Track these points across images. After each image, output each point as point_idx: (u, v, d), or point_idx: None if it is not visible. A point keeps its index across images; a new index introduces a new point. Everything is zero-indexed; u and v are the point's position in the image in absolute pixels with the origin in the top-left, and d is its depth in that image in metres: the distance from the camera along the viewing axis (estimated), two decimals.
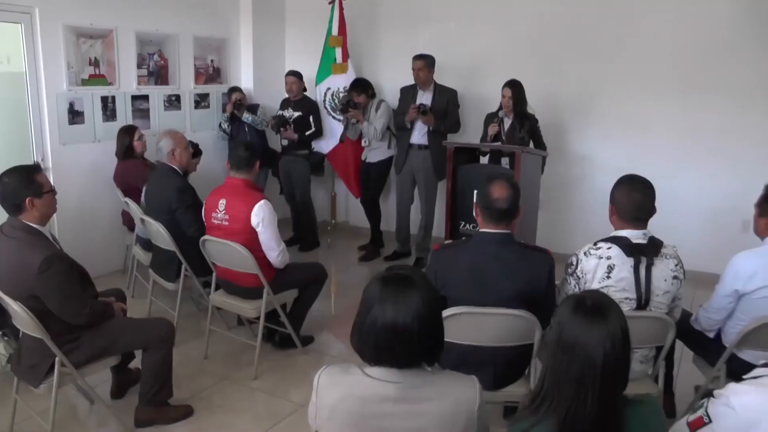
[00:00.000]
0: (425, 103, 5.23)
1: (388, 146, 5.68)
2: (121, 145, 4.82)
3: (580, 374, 1.44)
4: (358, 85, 5.59)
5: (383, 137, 5.59)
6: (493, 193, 2.47)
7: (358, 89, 5.55)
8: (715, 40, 4.95)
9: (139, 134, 4.86)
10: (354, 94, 5.54)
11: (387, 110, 5.57)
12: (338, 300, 4.88)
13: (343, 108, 5.56)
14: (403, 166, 5.48)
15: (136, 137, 4.83)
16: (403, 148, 5.46)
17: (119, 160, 4.85)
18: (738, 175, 4.89)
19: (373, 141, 5.60)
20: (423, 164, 5.32)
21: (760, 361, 1.74)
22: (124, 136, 4.83)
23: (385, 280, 1.59)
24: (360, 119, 5.53)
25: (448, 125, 5.28)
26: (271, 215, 3.49)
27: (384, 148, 5.68)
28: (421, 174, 5.37)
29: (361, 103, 5.53)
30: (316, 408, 1.68)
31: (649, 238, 2.52)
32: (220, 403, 3.32)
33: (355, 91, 5.55)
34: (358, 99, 5.52)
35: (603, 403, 1.45)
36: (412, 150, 5.37)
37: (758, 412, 1.53)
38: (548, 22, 5.48)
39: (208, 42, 6.04)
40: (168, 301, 4.28)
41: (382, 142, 5.63)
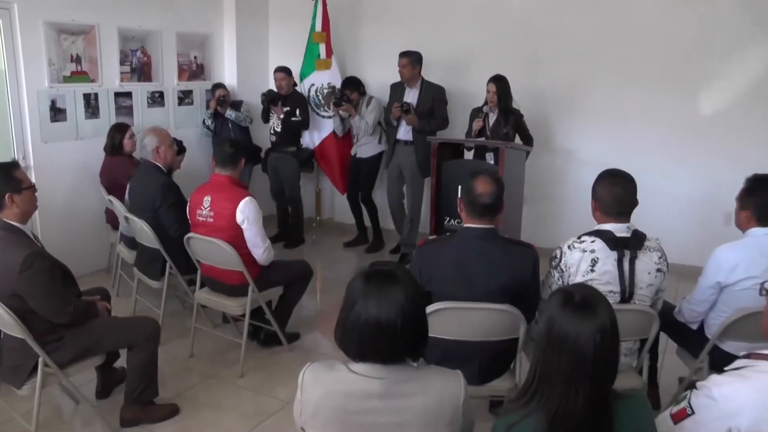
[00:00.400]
0: (411, 100, 5.27)
1: (378, 141, 5.74)
2: (110, 141, 4.79)
3: (571, 368, 1.45)
4: (351, 82, 5.69)
5: (374, 132, 5.66)
6: (477, 188, 2.47)
7: (351, 87, 5.65)
8: (695, 34, 4.99)
9: (131, 133, 4.82)
10: (347, 91, 5.62)
11: (378, 106, 5.64)
12: (324, 297, 4.89)
13: (336, 102, 5.61)
14: (390, 162, 5.52)
15: (128, 135, 4.79)
16: (390, 144, 5.52)
17: (107, 155, 4.80)
18: (721, 168, 4.93)
19: (364, 136, 5.66)
20: (408, 160, 5.35)
21: (741, 353, 1.76)
22: (115, 133, 4.79)
23: (368, 276, 1.59)
24: (352, 113, 5.62)
25: (434, 124, 5.30)
26: (257, 212, 3.48)
27: (375, 144, 5.74)
28: (407, 170, 5.40)
29: (353, 99, 5.62)
30: (301, 404, 1.67)
31: (633, 232, 2.53)
32: (205, 402, 3.30)
33: (347, 89, 5.64)
34: (351, 96, 5.62)
35: (594, 397, 1.45)
36: (398, 146, 5.41)
37: (739, 402, 1.54)
38: (532, 18, 5.49)
39: (191, 38, 5.99)
40: (153, 300, 4.26)
41: (372, 137, 5.69)
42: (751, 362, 1.63)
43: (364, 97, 5.71)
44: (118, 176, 4.55)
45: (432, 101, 5.29)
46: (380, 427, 1.60)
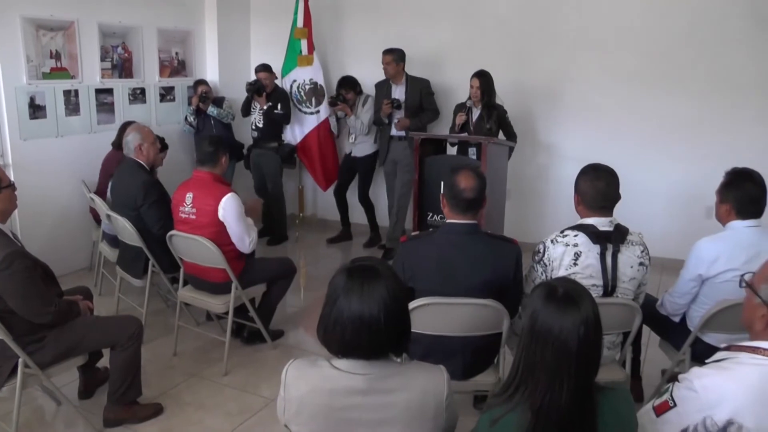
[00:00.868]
0: (399, 97, 5.36)
1: (374, 141, 5.78)
2: (118, 137, 4.75)
3: (555, 362, 1.46)
4: (346, 82, 5.69)
5: (370, 131, 5.69)
6: (459, 183, 2.47)
7: (347, 86, 5.66)
8: (678, 29, 5.03)
9: None
10: (343, 91, 5.62)
11: (373, 105, 5.66)
12: (307, 293, 4.88)
13: (332, 102, 5.62)
14: (386, 159, 5.57)
15: None
16: (384, 141, 5.57)
17: (113, 149, 4.78)
18: (702, 162, 4.98)
19: (360, 135, 5.67)
20: (404, 154, 5.41)
21: (722, 345, 1.77)
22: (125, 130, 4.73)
23: (351, 272, 1.59)
24: (348, 112, 5.63)
25: (426, 119, 5.37)
26: (239, 208, 3.46)
27: (370, 143, 5.77)
28: (402, 163, 5.46)
29: (349, 99, 5.63)
30: (284, 402, 1.67)
31: (615, 226, 2.55)
32: (190, 400, 3.28)
33: (343, 88, 5.65)
34: (347, 96, 5.63)
35: (578, 390, 1.46)
36: (392, 142, 5.46)
37: (719, 393, 1.55)
38: (516, 13, 5.50)
39: (172, 34, 5.93)
40: (135, 298, 4.23)
41: (368, 136, 5.73)
42: (731, 354, 1.64)
43: (361, 96, 5.72)
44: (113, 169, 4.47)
45: (419, 95, 5.36)
46: (364, 423, 1.59)
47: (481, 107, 4.87)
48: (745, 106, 4.93)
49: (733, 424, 1.12)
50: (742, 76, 4.91)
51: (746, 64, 4.89)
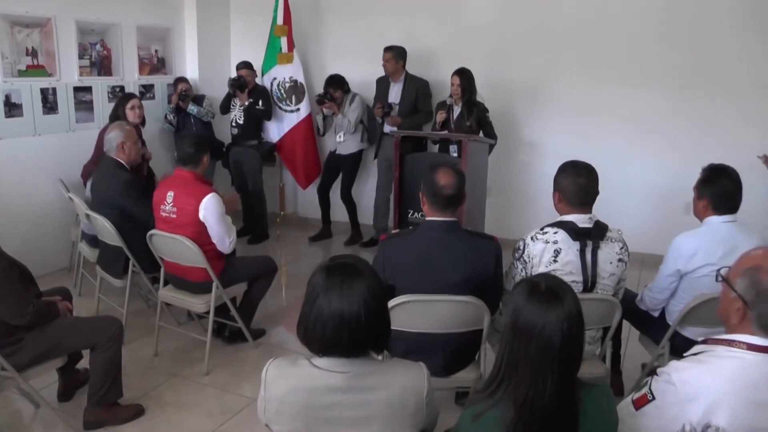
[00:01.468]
0: (395, 95, 5.43)
1: (360, 139, 5.77)
2: (114, 112, 4.77)
3: (539, 358, 1.46)
4: (334, 81, 5.65)
5: (356, 130, 5.69)
6: (439, 181, 2.47)
7: (335, 85, 5.63)
8: (656, 28, 5.08)
9: (132, 104, 4.74)
10: (331, 90, 5.60)
11: (360, 104, 5.67)
12: (289, 292, 4.86)
13: (319, 100, 5.60)
14: (378, 154, 5.61)
15: (128, 106, 4.72)
16: (377, 137, 5.62)
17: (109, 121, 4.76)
18: (681, 158, 5.03)
19: (347, 133, 5.66)
20: None
21: (699, 338, 1.79)
22: (118, 104, 4.79)
23: (330, 270, 1.58)
24: (336, 111, 5.61)
25: (417, 120, 5.39)
26: (220, 208, 3.44)
27: (357, 141, 5.77)
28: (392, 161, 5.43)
29: (337, 98, 5.61)
30: (264, 401, 1.66)
31: (595, 222, 2.56)
32: (171, 401, 3.26)
33: (331, 87, 5.62)
34: (335, 94, 5.61)
35: (561, 386, 1.47)
36: (385, 138, 5.46)
37: (696, 386, 1.57)
38: (495, 11, 5.52)
39: (151, 31, 5.87)
40: (116, 299, 4.18)
41: (354, 135, 5.72)
42: (708, 347, 1.66)
43: (348, 95, 5.70)
44: None
45: (415, 95, 5.39)
46: (345, 421, 1.59)
47: (462, 105, 4.88)
48: (723, 102, 4.99)
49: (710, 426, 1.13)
50: (719, 73, 4.97)
51: (724, 62, 4.95)
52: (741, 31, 4.88)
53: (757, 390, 1.54)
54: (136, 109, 4.75)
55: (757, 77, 4.88)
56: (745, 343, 1.59)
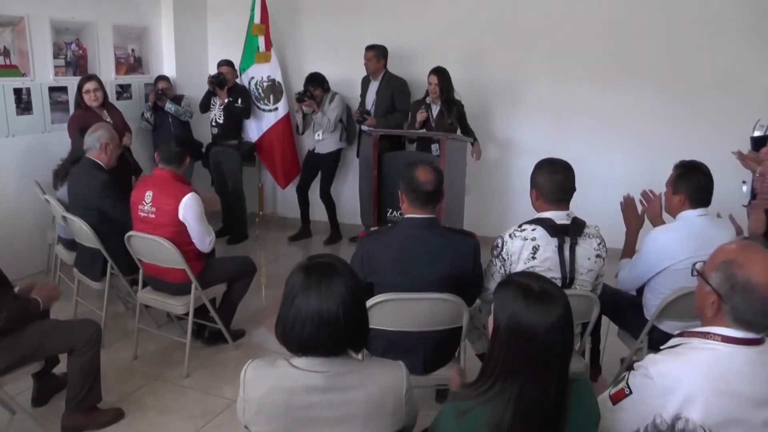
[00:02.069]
0: (372, 93, 5.47)
1: (339, 138, 5.77)
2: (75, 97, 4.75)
3: (542, 359, 1.47)
4: (314, 79, 5.64)
5: (335, 129, 5.68)
6: (418, 177, 2.48)
7: (315, 83, 5.61)
8: (632, 25, 5.13)
9: (88, 87, 4.68)
10: (311, 88, 5.58)
11: (340, 102, 5.66)
12: (269, 292, 4.85)
13: (299, 98, 5.57)
14: (359, 152, 5.63)
15: (84, 89, 4.68)
16: (356, 136, 5.66)
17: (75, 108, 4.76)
18: (654, 154, 5.07)
19: (326, 132, 5.64)
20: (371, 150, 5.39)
21: (676, 332, 1.81)
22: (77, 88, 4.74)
23: (308, 269, 1.58)
24: (315, 109, 5.59)
25: (393, 121, 5.39)
26: (200, 207, 3.42)
27: (335, 140, 5.76)
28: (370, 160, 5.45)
29: (317, 96, 5.60)
30: (243, 403, 1.66)
31: (572, 219, 2.58)
32: (151, 404, 3.22)
33: (311, 85, 5.60)
34: (315, 92, 5.60)
35: (561, 383, 1.49)
36: (363, 136, 5.47)
37: (673, 379, 1.59)
38: (470, 11, 5.55)
39: (128, 30, 5.80)
40: (94, 301, 4.13)
41: (333, 133, 5.71)
42: (684, 340, 1.68)
43: (328, 93, 5.69)
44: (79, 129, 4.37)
45: (391, 94, 5.40)
46: (324, 421, 1.59)
47: (441, 103, 4.90)
48: (698, 99, 5.04)
49: (680, 418, 1.14)
50: (691, 71, 5.04)
51: (697, 59, 5.01)
52: (712, 30, 4.94)
53: (731, 381, 1.56)
54: (91, 92, 4.68)
55: (727, 75, 4.95)
56: (719, 335, 1.61)
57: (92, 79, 4.77)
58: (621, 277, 2.97)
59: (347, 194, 5.99)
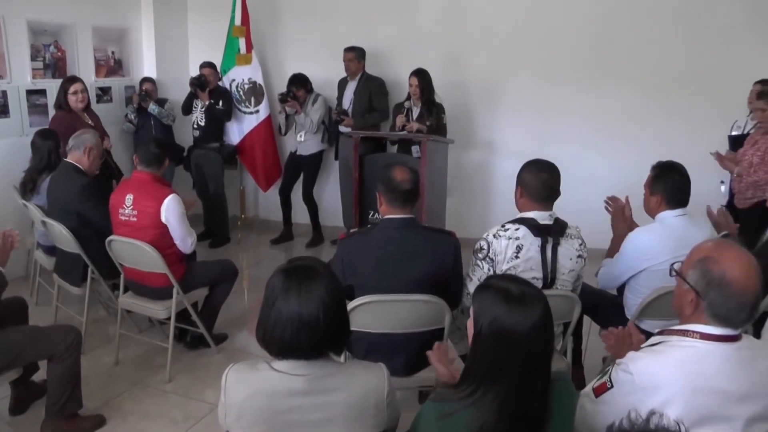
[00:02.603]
0: (349, 93, 5.48)
1: (321, 140, 5.76)
2: (57, 100, 4.69)
3: (527, 363, 1.47)
4: (298, 80, 5.62)
5: (318, 130, 5.68)
6: (395, 176, 2.50)
7: (298, 84, 5.59)
8: (612, 26, 5.18)
9: (75, 89, 4.64)
10: (294, 88, 5.57)
11: (323, 104, 5.65)
12: (251, 295, 4.83)
13: (282, 98, 5.55)
14: (337, 154, 5.63)
15: (71, 90, 4.63)
16: (335, 137, 5.66)
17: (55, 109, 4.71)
18: (636, 155, 5.08)
19: (308, 133, 5.63)
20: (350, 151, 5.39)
21: (655, 330, 1.83)
22: (59, 89, 4.69)
23: (288, 272, 1.58)
24: (298, 110, 5.57)
25: (370, 120, 5.40)
26: (181, 208, 3.41)
27: (317, 141, 5.75)
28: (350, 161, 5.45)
29: (300, 96, 5.58)
30: (225, 407, 1.65)
31: (555, 219, 2.60)
32: (133, 410, 3.19)
33: (294, 85, 5.59)
34: (298, 93, 5.58)
35: (546, 384, 1.50)
36: (342, 138, 5.46)
37: (654, 377, 1.61)
38: (451, 12, 5.56)
39: (108, 32, 5.75)
40: (75, 307, 4.07)
41: (315, 135, 5.71)
42: (664, 338, 1.71)
43: (311, 94, 5.67)
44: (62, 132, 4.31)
45: (369, 94, 5.41)
46: (306, 424, 1.59)
47: (421, 105, 4.93)
48: (678, 100, 5.10)
49: (655, 413, 1.16)
50: (674, 72, 5.09)
51: (678, 60, 5.07)
52: (693, 32, 5.01)
53: (709, 377, 1.58)
54: (79, 93, 4.66)
55: (706, 76, 5.00)
56: (698, 333, 1.63)
57: (78, 80, 4.74)
58: (601, 274, 3.01)
59: (329, 196, 5.98)
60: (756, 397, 1.61)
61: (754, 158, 3.88)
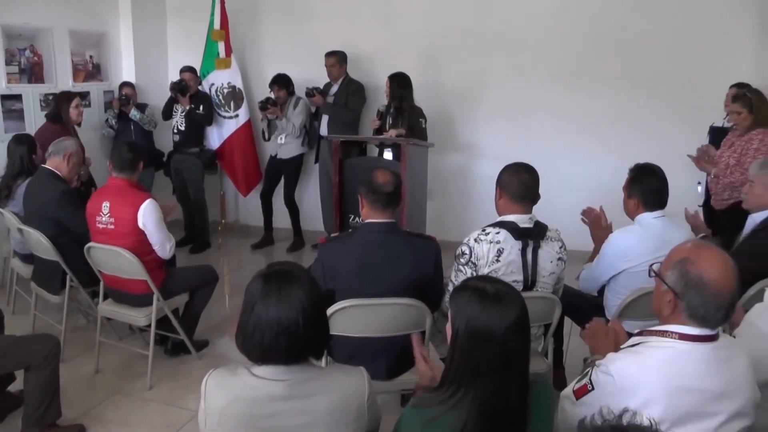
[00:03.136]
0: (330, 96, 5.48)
1: (301, 143, 5.75)
2: (55, 108, 4.70)
3: (504, 361, 1.48)
4: (280, 80, 5.59)
5: (300, 134, 5.67)
6: (377, 179, 2.50)
7: (279, 84, 5.56)
8: (593, 29, 5.23)
9: (77, 102, 4.68)
10: (275, 88, 5.54)
11: (305, 108, 5.64)
12: (233, 301, 4.80)
13: (262, 106, 5.52)
14: (317, 157, 5.63)
15: (73, 105, 4.65)
16: (315, 140, 5.66)
17: (47, 121, 4.68)
18: (615, 157, 5.11)
19: (290, 136, 5.62)
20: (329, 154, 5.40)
21: (635, 330, 1.85)
22: (61, 101, 4.70)
23: (267, 277, 1.58)
24: (279, 116, 5.55)
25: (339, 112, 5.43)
26: (159, 214, 3.38)
27: (297, 145, 5.74)
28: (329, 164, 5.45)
29: (280, 98, 5.55)
30: (205, 414, 1.64)
31: (535, 222, 2.61)
32: (113, 418, 3.15)
33: (276, 85, 5.56)
34: (279, 94, 5.56)
35: (523, 385, 1.50)
36: (322, 142, 5.45)
37: (634, 378, 1.62)
38: (431, 16, 5.59)
39: (85, 36, 5.69)
40: (53, 315, 4.01)
41: (296, 139, 5.69)
42: (643, 338, 1.72)
43: (292, 97, 5.64)
44: None
45: (347, 96, 5.42)
46: (287, 430, 1.59)
47: (393, 109, 4.94)
48: (659, 102, 5.16)
49: (628, 411, 1.17)
50: (652, 75, 5.15)
51: (656, 63, 5.13)
52: (669, 33, 5.08)
53: (688, 377, 1.60)
54: (80, 107, 4.71)
55: (686, 78, 5.08)
56: (677, 333, 1.65)
57: (77, 95, 4.79)
58: (582, 277, 3.04)
59: (310, 200, 5.97)
60: (733, 395, 1.64)
61: (730, 160, 3.94)
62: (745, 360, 1.72)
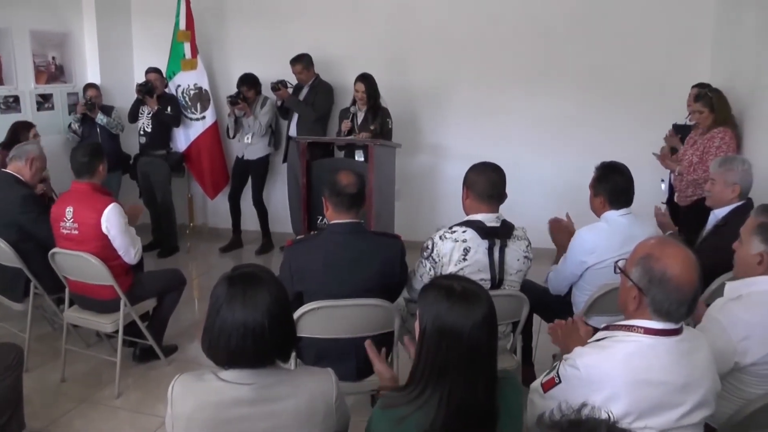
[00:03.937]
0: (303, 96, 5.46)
1: (268, 143, 5.73)
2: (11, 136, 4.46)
3: (469, 359, 1.49)
4: (248, 80, 5.55)
5: (265, 134, 5.65)
6: (341, 181, 2.51)
7: (248, 84, 5.53)
8: (554, 31, 5.31)
9: (35, 132, 4.53)
10: (244, 88, 5.50)
11: (271, 108, 5.62)
12: (201, 305, 4.73)
13: (232, 100, 5.48)
14: (285, 158, 5.61)
15: (32, 134, 4.49)
16: (281, 140, 5.65)
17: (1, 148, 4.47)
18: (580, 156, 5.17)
19: (256, 136, 5.59)
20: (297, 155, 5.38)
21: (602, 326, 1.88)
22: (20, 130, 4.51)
23: (232, 280, 1.57)
24: (248, 113, 5.53)
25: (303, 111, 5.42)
26: (123, 218, 3.32)
27: (264, 145, 5.72)
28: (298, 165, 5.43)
29: (249, 97, 5.53)
30: (172, 419, 1.62)
31: (502, 222, 2.64)
32: (81, 428, 3.10)
33: (245, 85, 5.52)
34: (248, 94, 5.52)
35: (491, 381, 1.51)
36: (291, 142, 5.43)
37: (600, 371, 1.66)
38: (397, 18, 5.61)
39: (47, 37, 5.55)
40: (17, 324, 3.91)
41: (262, 139, 5.67)
42: (610, 333, 1.75)
43: (259, 97, 5.62)
44: None
45: (315, 96, 5.43)
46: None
47: (367, 110, 4.95)
48: (621, 102, 5.25)
49: (587, 405, 1.19)
50: (616, 75, 5.25)
51: (620, 64, 5.22)
52: (633, 34, 5.17)
53: (653, 370, 1.64)
54: (38, 137, 4.53)
55: (649, 78, 5.17)
56: (642, 328, 1.68)
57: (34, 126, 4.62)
58: (550, 279, 3.07)
59: (278, 202, 5.95)
60: (696, 386, 1.68)
61: (693, 157, 4.02)
62: (707, 352, 1.76)
